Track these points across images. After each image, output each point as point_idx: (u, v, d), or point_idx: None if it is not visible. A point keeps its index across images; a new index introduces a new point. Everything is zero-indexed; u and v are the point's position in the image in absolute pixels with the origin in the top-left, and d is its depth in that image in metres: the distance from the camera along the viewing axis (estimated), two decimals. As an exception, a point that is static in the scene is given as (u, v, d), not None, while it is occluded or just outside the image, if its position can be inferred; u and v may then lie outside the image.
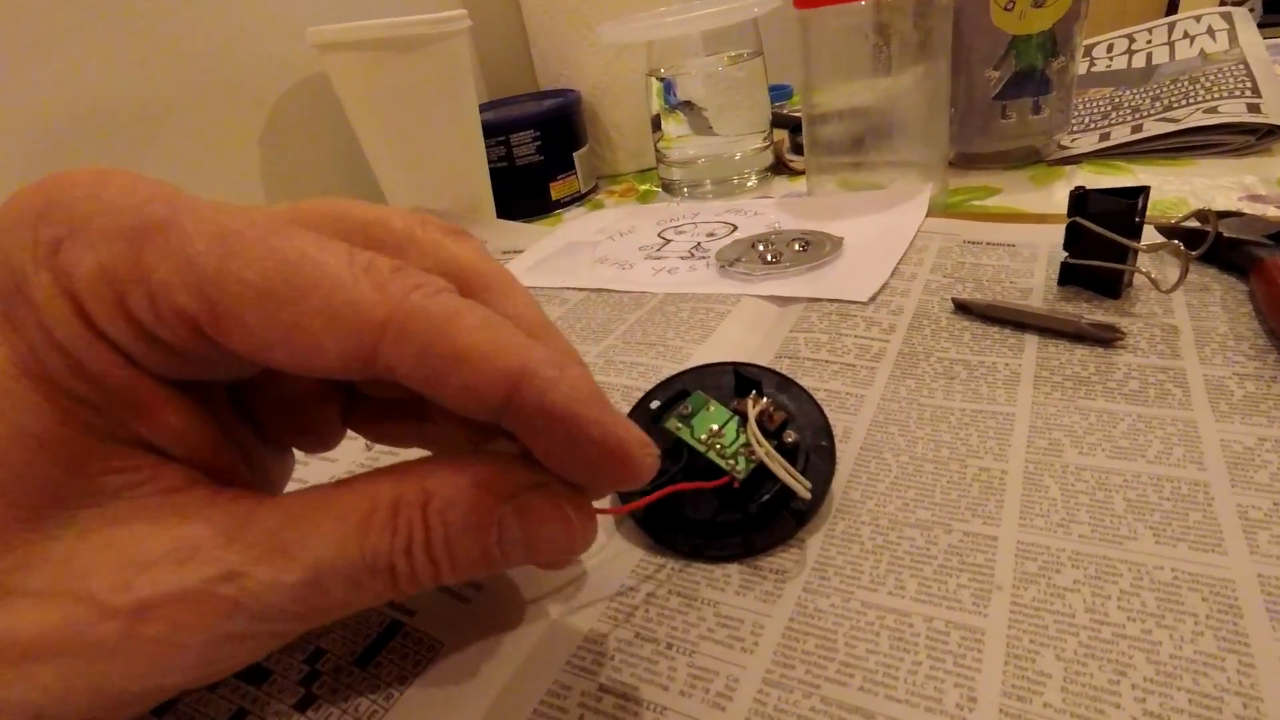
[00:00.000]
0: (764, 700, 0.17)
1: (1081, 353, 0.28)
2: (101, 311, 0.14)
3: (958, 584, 0.19)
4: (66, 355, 0.14)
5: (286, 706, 0.19)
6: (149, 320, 0.14)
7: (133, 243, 0.14)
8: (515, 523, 0.15)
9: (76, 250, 0.13)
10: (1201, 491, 0.21)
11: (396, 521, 0.14)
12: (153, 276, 0.13)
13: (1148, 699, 0.16)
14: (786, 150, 0.60)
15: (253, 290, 0.13)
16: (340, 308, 0.14)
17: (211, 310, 0.13)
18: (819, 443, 0.24)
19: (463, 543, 0.15)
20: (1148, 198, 0.29)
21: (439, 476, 0.15)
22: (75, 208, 0.14)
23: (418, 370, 0.14)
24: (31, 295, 0.14)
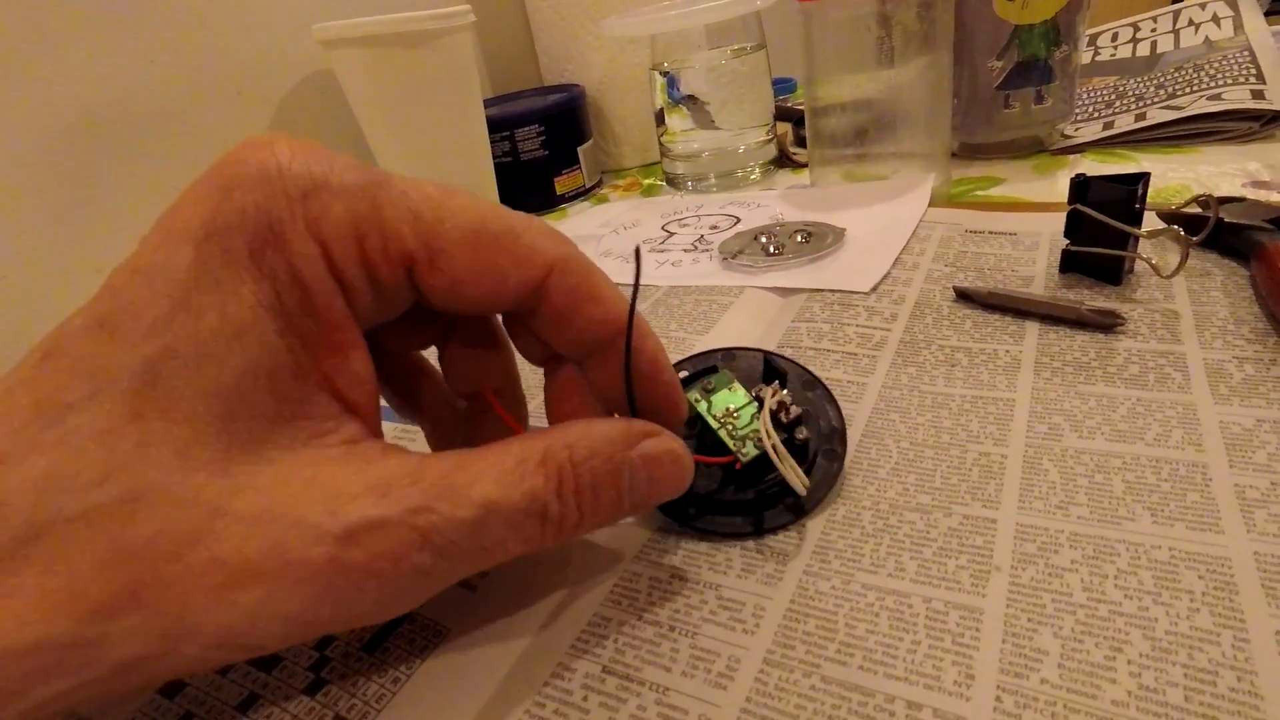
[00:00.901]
0: (765, 680, 0.18)
1: (1082, 339, 0.28)
2: (342, 252, 0.16)
3: (957, 565, 0.20)
4: (305, 292, 0.16)
5: (296, 691, 0.19)
6: (378, 260, 0.17)
7: (369, 196, 0.16)
8: (641, 465, 0.18)
9: (323, 200, 0.16)
10: (1200, 472, 0.21)
11: (547, 467, 0.16)
12: (387, 223, 0.16)
13: (1143, 674, 0.16)
14: (790, 143, 0.60)
15: (462, 235, 0.17)
16: (523, 251, 0.18)
17: (429, 251, 0.17)
18: (831, 446, 0.24)
19: (602, 487, 0.17)
20: (1148, 184, 0.29)
21: (575, 434, 0.17)
22: (306, 167, 0.16)
23: (565, 300, 0.18)
24: (286, 238, 0.15)
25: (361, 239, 0.16)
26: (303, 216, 0.16)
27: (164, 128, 0.48)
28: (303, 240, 0.16)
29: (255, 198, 0.15)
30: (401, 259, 0.17)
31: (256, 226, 0.15)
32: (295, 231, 0.16)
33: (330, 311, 0.16)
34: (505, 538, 0.16)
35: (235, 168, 0.16)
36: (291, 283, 0.16)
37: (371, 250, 0.16)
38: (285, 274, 0.15)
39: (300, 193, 0.16)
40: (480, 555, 0.16)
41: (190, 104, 0.49)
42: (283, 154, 0.16)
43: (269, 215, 0.15)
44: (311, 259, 0.16)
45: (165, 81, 0.48)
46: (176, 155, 0.49)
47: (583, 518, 0.17)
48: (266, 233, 0.15)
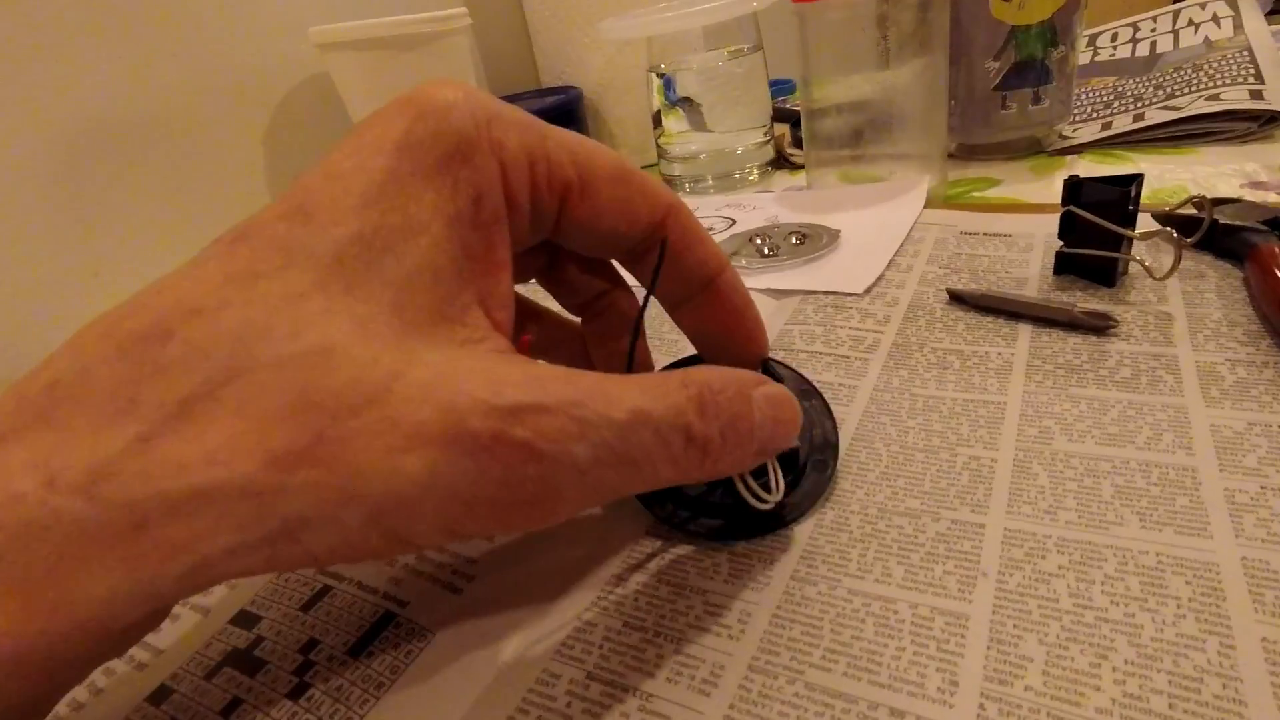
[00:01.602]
0: (748, 686, 0.17)
1: (1074, 341, 0.28)
2: (516, 175, 0.18)
3: (944, 571, 0.19)
4: (479, 207, 0.17)
5: (280, 695, 0.19)
6: (543, 184, 0.19)
7: (537, 130, 0.19)
8: (765, 402, 0.19)
9: (502, 129, 0.18)
10: (1189, 476, 0.21)
11: (688, 389, 0.17)
12: (551, 154, 0.19)
13: (1128, 681, 0.16)
14: (788, 144, 0.60)
15: (608, 173, 0.20)
16: (651, 191, 0.20)
17: (583, 182, 0.19)
18: (823, 457, 0.24)
19: (737, 415, 0.18)
20: (1141, 185, 0.29)
21: (705, 372, 0.18)
22: (485, 102, 0.18)
23: (679, 237, 0.21)
24: (474, 158, 0.17)
25: (533, 164, 0.18)
26: (487, 138, 0.17)
27: (161, 132, 0.48)
28: (486, 160, 0.17)
29: (448, 118, 0.17)
30: (562, 186, 0.19)
31: (448, 144, 0.17)
32: (480, 151, 0.17)
33: (495, 229, 0.18)
34: (654, 451, 0.16)
35: (424, 98, 0.17)
36: (470, 195, 0.17)
37: (539, 176, 0.18)
38: (467, 186, 0.17)
39: (485, 118, 0.17)
40: (631, 468, 0.16)
41: (187, 108, 0.50)
42: (460, 90, 0.18)
43: (460, 134, 0.17)
44: (492, 178, 0.17)
45: (162, 86, 0.48)
46: (174, 160, 0.49)
47: (725, 446, 0.18)
48: (455, 149, 0.17)
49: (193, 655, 0.21)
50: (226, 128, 0.52)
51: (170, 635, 0.22)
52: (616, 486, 0.16)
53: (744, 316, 0.23)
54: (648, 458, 0.16)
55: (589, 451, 0.15)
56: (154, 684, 0.21)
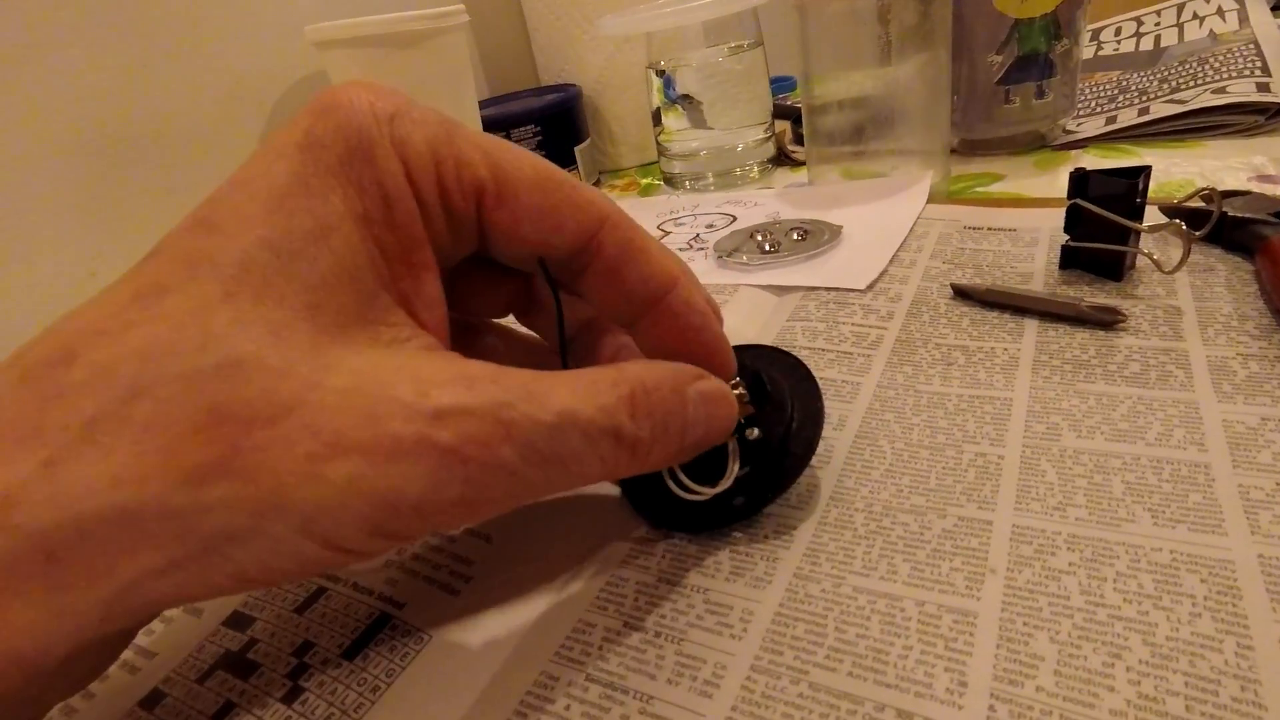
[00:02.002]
0: (751, 687, 0.17)
1: (1082, 336, 0.27)
2: (421, 173, 0.17)
3: (951, 568, 0.19)
4: (388, 206, 0.17)
5: (274, 699, 0.19)
6: (452, 184, 0.17)
7: (445, 128, 0.18)
8: (700, 398, 0.19)
9: (406, 126, 0.17)
10: (1202, 473, 0.20)
11: (620, 390, 0.17)
12: (461, 153, 0.17)
13: (1142, 681, 0.15)
14: (789, 141, 0.59)
15: (528, 177, 0.18)
16: (581, 200, 0.19)
17: (498, 185, 0.18)
18: (794, 449, 0.22)
19: (670, 414, 0.18)
20: (1149, 178, 0.29)
21: (640, 367, 0.18)
22: (391, 99, 0.17)
23: (616, 252, 0.19)
24: (375, 155, 0.16)
25: (439, 163, 0.17)
26: (389, 136, 0.17)
27: (158, 132, 0.48)
28: (388, 157, 0.17)
29: (348, 116, 0.16)
30: (474, 188, 0.18)
31: (348, 141, 0.16)
32: (382, 148, 0.17)
33: (410, 229, 0.17)
34: (583, 452, 0.16)
35: (328, 98, 0.17)
36: (377, 195, 0.16)
37: (447, 175, 0.17)
38: (372, 186, 0.16)
39: (387, 115, 0.17)
40: (560, 469, 0.16)
41: (184, 108, 0.49)
42: (365, 88, 0.17)
43: (360, 132, 0.16)
44: (396, 176, 0.17)
45: (158, 86, 0.48)
46: (171, 160, 0.49)
47: (653, 444, 0.18)
48: (356, 147, 0.16)
49: (185, 658, 0.21)
50: (223, 127, 0.52)
51: (163, 637, 0.22)
52: (545, 485, 0.16)
53: (700, 336, 0.20)
54: (576, 458, 0.16)
55: (515, 454, 0.15)
56: (147, 688, 0.20)
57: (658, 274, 0.20)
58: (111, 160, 0.46)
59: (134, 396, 0.13)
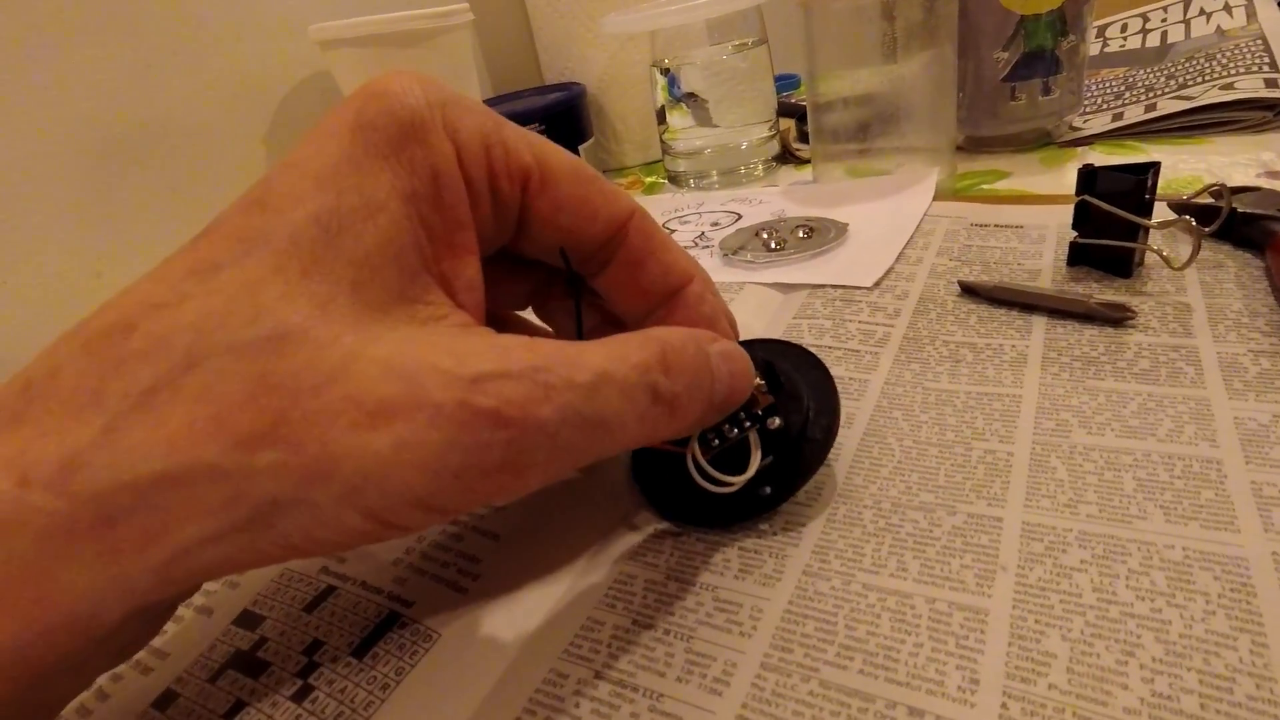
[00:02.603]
0: (761, 685, 0.17)
1: (1091, 333, 0.27)
2: (472, 157, 0.18)
3: (961, 565, 0.19)
4: (437, 187, 0.17)
5: (284, 698, 0.19)
6: (501, 169, 0.18)
7: (492, 117, 0.18)
8: (721, 359, 0.19)
9: (457, 112, 0.18)
10: (1214, 469, 0.20)
11: (651, 348, 0.17)
12: (508, 141, 0.18)
13: (1156, 680, 0.15)
14: (793, 139, 0.59)
15: (568, 167, 0.19)
16: (611, 193, 0.20)
17: (542, 172, 0.19)
18: (813, 435, 0.22)
19: (697, 370, 0.18)
20: (1158, 174, 0.28)
21: (663, 331, 0.18)
22: (441, 89, 0.18)
23: (640, 244, 0.21)
24: (427, 137, 0.17)
25: (489, 148, 0.18)
26: (441, 119, 0.17)
27: (162, 132, 0.48)
28: (441, 140, 0.17)
29: (402, 100, 0.17)
30: (521, 174, 0.19)
31: (400, 123, 0.17)
32: (435, 132, 0.17)
33: (456, 211, 0.17)
34: (622, 410, 0.16)
35: (378, 84, 0.17)
36: (427, 175, 0.17)
37: (496, 160, 0.18)
38: (424, 166, 0.17)
39: (439, 100, 0.17)
40: (601, 430, 0.16)
41: (188, 108, 0.49)
42: (419, 78, 0.18)
43: (413, 114, 0.17)
44: (447, 157, 0.17)
45: (163, 86, 0.48)
46: (176, 159, 0.49)
47: (689, 401, 0.18)
48: (409, 128, 0.17)
49: (197, 658, 0.21)
50: (228, 127, 0.52)
51: (174, 637, 0.22)
52: (587, 449, 0.16)
53: (714, 330, 0.21)
54: (616, 417, 0.16)
55: (556, 414, 0.15)
56: (160, 688, 0.20)
57: (676, 269, 0.21)
58: (116, 160, 0.46)
59: (189, 366, 0.14)
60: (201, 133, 0.50)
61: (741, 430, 0.21)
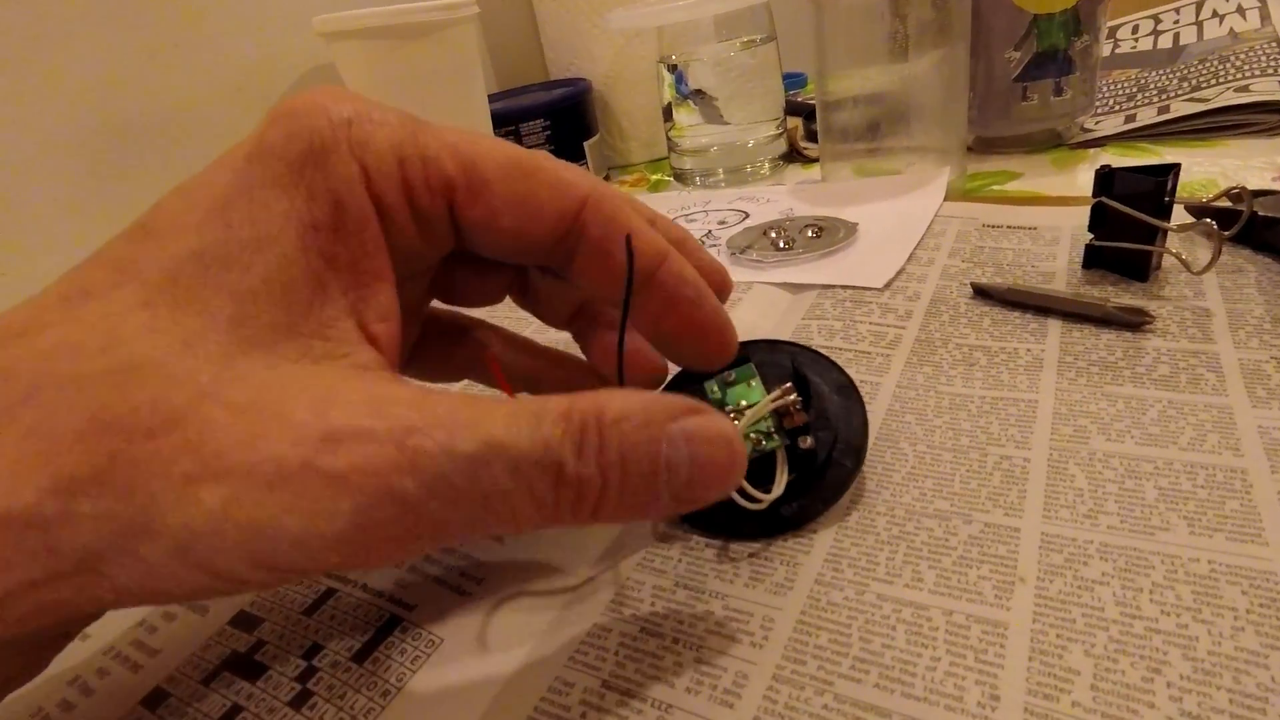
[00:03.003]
0: (774, 698, 0.17)
1: (1108, 337, 0.27)
2: (383, 176, 0.16)
3: (978, 576, 0.18)
4: (340, 213, 0.16)
5: (282, 703, 0.19)
6: (419, 183, 0.17)
7: (408, 127, 0.17)
8: (682, 440, 0.15)
9: (365, 128, 0.16)
10: (1239, 479, 0.20)
11: (569, 421, 0.15)
12: (427, 151, 0.17)
13: (1184, 698, 0.15)
14: (801, 137, 0.59)
15: (500, 166, 0.17)
16: (559, 183, 0.18)
17: (468, 179, 0.17)
18: (843, 461, 0.22)
19: (634, 455, 0.15)
20: (1178, 176, 0.28)
21: (607, 395, 0.15)
22: (350, 102, 0.17)
23: (601, 232, 0.18)
24: (328, 160, 0.16)
25: (403, 163, 0.17)
26: (346, 139, 0.16)
27: (165, 126, 0.48)
28: (344, 161, 0.16)
29: (301, 123, 0.16)
30: (443, 186, 0.17)
31: (299, 146, 0.16)
32: (337, 152, 0.16)
33: (364, 236, 0.16)
34: (511, 490, 0.14)
35: (283, 105, 0.16)
36: (328, 201, 0.16)
37: (412, 174, 0.17)
38: (323, 192, 0.16)
39: (344, 119, 0.16)
40: (481, 506, 0.14)
41: (191, 101, 0.49)
42: (325, 93, 0.17)
43: (312, 136, 0.16)
44: (351, 180, 0.16)
45: (166, 79, 0.47)
46: (178, 153, 0.48)
47: (607, 487, 0.15)
48: (308, 153, 0.16)
49: (189, 657, 0.20)
50: (231, 119, 0.51)
51: (166, 634, 0.21)
52: (462, 525, 0.14)
53: (696, 311, 0.20)
54: (501, 496, 0.14)
55: (419, 487, 0.13)
56: (149, 686, 0.20)
57: (645, 250, 0.19)
58: (118, 152, 0.46)
59: (28, 398, 0.13)
60: (204, 125, 0.49)
61: (769, 442, 0.21)
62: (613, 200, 0.19)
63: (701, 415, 0.16)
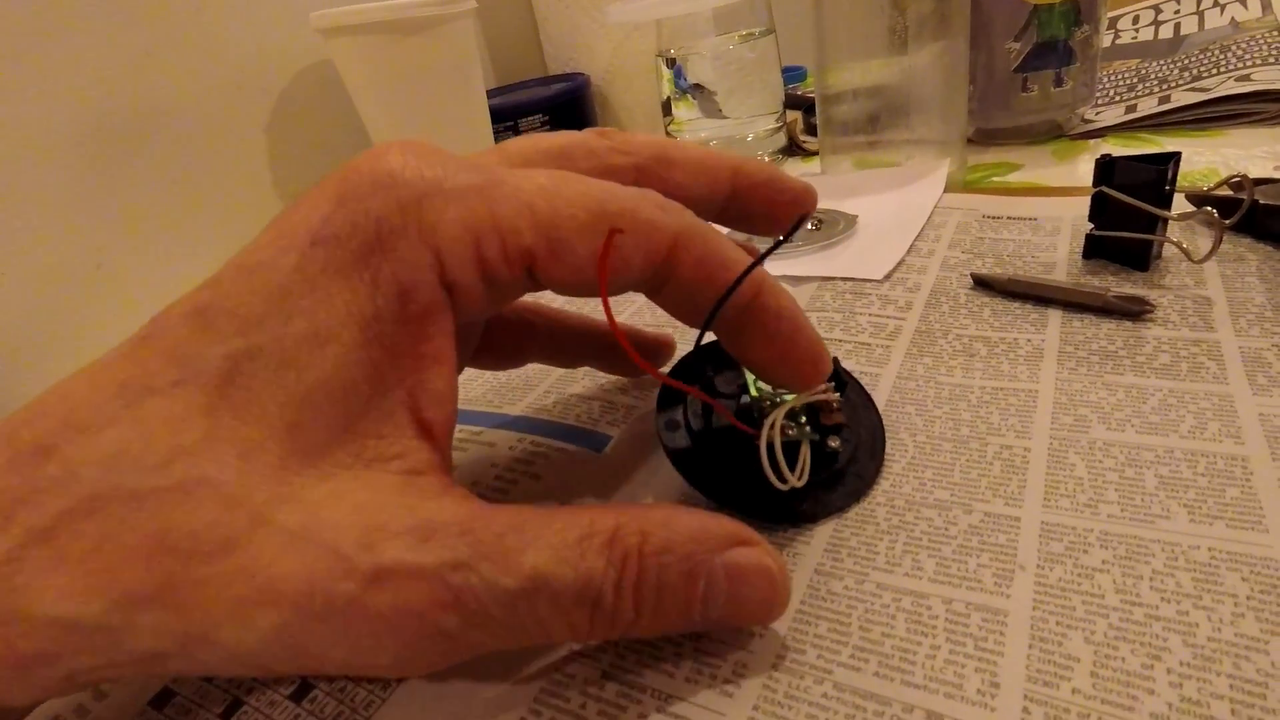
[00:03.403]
0: (773, 687, 0.17)
1: (1108, 327, 0.27)
2: (455, 259, 0.16)
3: (978, 564, 0.18)
4: (405, 302, 0.15)
5: (282, 697, 0.19)
6: (497, 261, 0.16)
7: (484, 197, 0.16)
8: (723, 576, 0.16)
9: (437, 208, 0.15)
10: (1239, 466, 0.20)
11: (612, 551, 0.15)
12: (502, 223, 0.16)
13: (1184, 684, 0.15)
14: (800, 131, 0.58)
15: (580, 225, 0.16)
16: (645, 226, 0.17)
17: (549, 245, 0.16)
18: (863, 467, 0.22)
19: (671, 590, 0.15)
20: (1179, 165, 0.28)
21: (654, 520, 0.16)
22: (423, 171, 0.16)
23: (694, 271, 0.17)
24: (395, 245, 0.15)
25: (479, 242, 0.16)
26: (416, 223, 0.15)
27: (162, 122, 0.48)
28: (414, 248, 0.15)
29: (368, 205, 0.15)
30: (521, 257, 0.16)
31: (365, 234, 0.15)
32: (406, 239, 0.15)
33: (425, 321, 0.16)
34: (548, 620, 0.15)
35: (351, 175, 0.16)
36: (394, 292, 0.15)
37: (489, 252, 0.16)
38: (387, 280, 0.15)
39: (414, 199, 0.15)
40: (516, 633, 0.15)
41: (188, 98, 0.49)
42: (395, 161, 0.16)
43: (380, 223, 0.15)
44: (420, 268, 0.15)
45: (162, 75, 0.47)
46: (176, 150, 0.48)
47: (638, 620, 0.15)
48: (375, 240, 0.15)
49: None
50: (228, 117, 0.51)
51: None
52: (495, 647, 0.15)
53: (794, 344, 0.19)
54: (539, 627, 0.15)
55: (459, 623, 0.14)
56: (157, 686, 0.20)
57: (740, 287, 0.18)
58: (116, 149, 0.46)
59: (91, 509, 0.13)
60: (202, 122, 0.49)
61: (799, 432, 0.21)
62: (704, 238, 0.18)
63: (748, 548, 0.16)
